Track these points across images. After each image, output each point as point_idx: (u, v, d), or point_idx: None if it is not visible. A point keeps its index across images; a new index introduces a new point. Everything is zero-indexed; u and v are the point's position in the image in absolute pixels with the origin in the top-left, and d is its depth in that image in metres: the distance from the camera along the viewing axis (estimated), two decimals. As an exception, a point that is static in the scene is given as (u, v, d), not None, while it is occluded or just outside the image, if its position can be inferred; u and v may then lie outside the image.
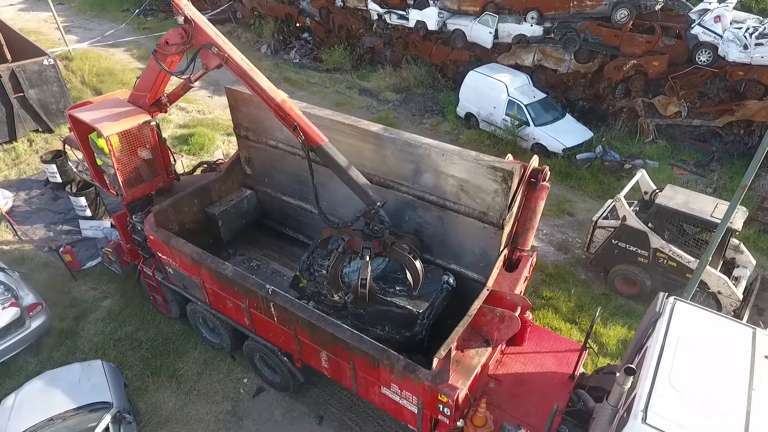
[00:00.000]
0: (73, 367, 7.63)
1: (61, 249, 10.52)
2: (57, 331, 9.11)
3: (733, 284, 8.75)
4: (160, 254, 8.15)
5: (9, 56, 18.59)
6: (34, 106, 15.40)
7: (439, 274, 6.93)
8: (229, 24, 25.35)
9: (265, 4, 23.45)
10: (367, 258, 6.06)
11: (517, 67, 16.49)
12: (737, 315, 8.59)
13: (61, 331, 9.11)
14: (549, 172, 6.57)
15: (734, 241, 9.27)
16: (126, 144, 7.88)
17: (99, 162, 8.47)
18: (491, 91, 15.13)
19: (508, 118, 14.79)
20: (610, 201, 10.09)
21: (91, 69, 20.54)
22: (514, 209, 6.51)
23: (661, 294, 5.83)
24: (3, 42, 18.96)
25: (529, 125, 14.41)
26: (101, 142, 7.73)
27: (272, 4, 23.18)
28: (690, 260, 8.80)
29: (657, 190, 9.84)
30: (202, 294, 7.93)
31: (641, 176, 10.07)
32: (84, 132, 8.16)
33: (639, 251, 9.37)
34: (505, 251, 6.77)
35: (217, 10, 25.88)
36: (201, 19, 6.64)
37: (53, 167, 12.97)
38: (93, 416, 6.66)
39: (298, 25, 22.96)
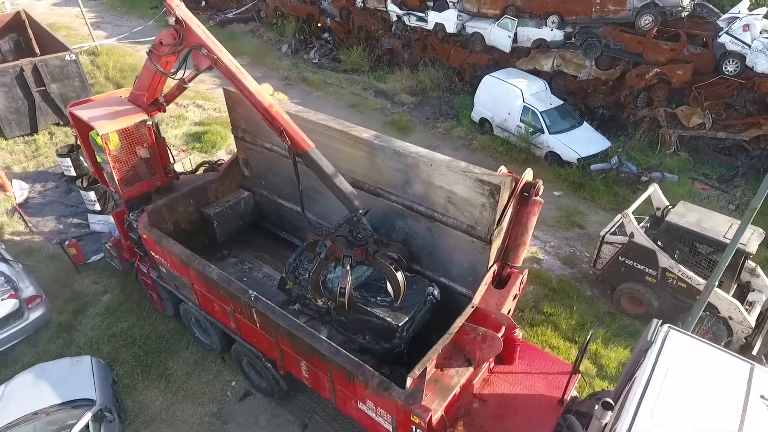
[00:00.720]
0: (62, 362, 7.73)
1: (67, 242, 10.72)
2: (55, 323, 9.27)
3: (747, 310, 8.24)
4: (153, 253, 8.19)
5: (38, 50, 19.20)
6: (56, 100, 15.77)
7: (425, 285, 6.71)
8: (252, 23, 25.57)
9: (287, 3, 23.57)
10: (347, 267, 5.96)
11: (536, 73, 16.07)
12: (748, 343, 8.10)
13: (59, 324, 9.26)
14: (542, 187, 6.28)
15: (750, 263, 8.74)
16: (123, 142, 7.94)
17: (99, 159, 8.57)
18: (506, 96, 14.77)
19: (522, 125, 14.41)
20: (619, 216, 9.66)
21: (115, 65, 20.97)
22: (504, 224, 6.24)
23: (655, 321, 5.49)
24: (32, 37, 19.60)
25: (543, 133, 13.99)
26: (100, 140, 7.81)
27: (294, 4, 23.27)
28: (700, 282, 8.33)
29: (669, 207, 9.37)
30: (192, 295, 7.93)
31: (653, 191, 9.61)
32: (85, 129, 8.26)
33: (647, 270, 8.93)
34: (495, 267, 6.50)
35: (242, 9, 26.13)
36: (192, 20, 6.60)
37: (68, 161, 13.23)
38: (75, 413, 6.71)
39: (319, 25, 22.98)
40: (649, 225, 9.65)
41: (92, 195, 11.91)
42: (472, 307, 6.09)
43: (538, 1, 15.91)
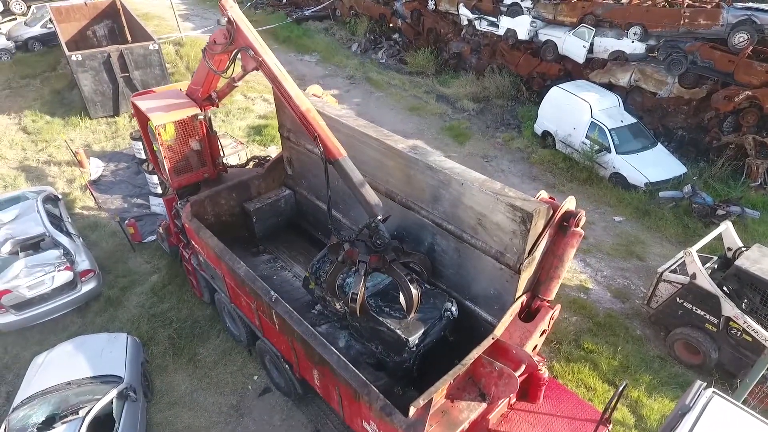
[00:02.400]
0: (101, 337, 8.22)
1: (126, 222, 11.43)
2: (105, 297, 9.89)
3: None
4: (193, 242, 8.48)
5: (129, 38, 20.72)
6: (138, 86, 16.86)
7: (443, 300, 6.41)
8: (327, 21, 26.07)
9: (361, 3, 23.77)
10: (362, 272, 5.83)
11: (611, 87, 15.01)
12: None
13: (108, 299, 9.87)
14: (584, 218, 5.74)
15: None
16: (176, 134, 8.27)
17: (155, 148, 8.99)
18: (573, 110, 13.91)
19: (587, 142, 13.51)
20: (681, 253, 8.74)
21: (196, 56, 22.12)
22: (537, 254, 5.79)
23: (698, 383, 4.88)
24: (125, 24, 21.16)
25: (609, 152, 13.03)
26: (155, 130, 8.18)
27: (368, 4, 23.42)
28: (769, 338, 7.35)
29: (742, 248, 8.35)
30: (224, 287, 8.13)
31: (725, 228, 8.60)
32: (144, 119, 8.68)
33: (707, 317, 8.01)
34: (524, 298, 6.06)
35: (319, 7, 26.72)
36: (243, 21, 6.70)
37: (139, 144, 14.02)
38: (103, 388, 7.08)
39: (390, 25, 22.97)
40: (716, 266, 8.66)
41: (155, 179, 12.59)
42: (493, 338, 5.71)
43: (620, 11, 14.86)
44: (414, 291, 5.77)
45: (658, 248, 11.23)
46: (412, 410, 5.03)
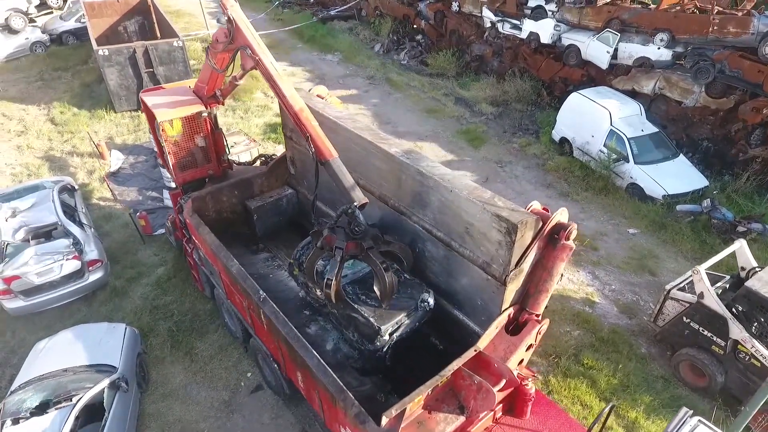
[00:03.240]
0: (101, 326, 8.43)
1: (138, 214, 11.69)
2: (111, 287, 10.14)
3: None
4: (193, 237, 8.60)
5: (158, 34, 21.20)
6: (161, 82, 17.20)
7: (420, 290, 6.33)
8: (352, 21, 26.13)
9: (387, 3, 23.73)
10: (338, 258, 5.86)
11: (634, 94, 14.53)
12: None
13: (114, 289, 10.12)
14: (575, 231, 5.54)
15: None
16: (182, 130, 8.41)
17: (161, 143, 9.16)
18: (592, 117, 13.52)
19: (605, 150, 13.11)
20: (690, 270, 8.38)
21: (220, 52, 22.51)
22: (526, 266, 5.62)
23: (684, 410, 4.63)
24: (155, 21, 21.68)
25: (627, 162, 12.61)
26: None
27: (393, 4, 23.36)
28: (779, 365, 6.95)
29: (756, 269, 7.93)
30: (221, 283, 8.22)
31: (739, 247, 8.19)
32: (151, 114, 8.86)
33: (714, 338, 7.64)
34: (511, 311, 5.90)
35: (345, 7, 26.79)
36: (242, 21, 6.75)
37: (157, 138, 14.45)
38: (96, 376, 7.25)
39: (414, 26, 22.85)
40: (728, 286, 8.26)
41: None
42: (475, 350, 5.58)
43: (647, 16, 14.38)
44: (388, 279, 5.77)
45: (673, 264, 10.80)
46: (384, 420, 4.96)
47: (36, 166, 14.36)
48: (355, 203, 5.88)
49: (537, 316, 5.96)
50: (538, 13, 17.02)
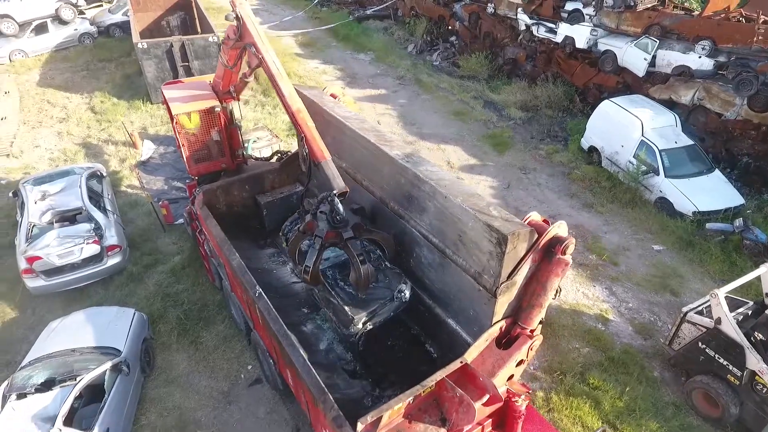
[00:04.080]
0: (111, 310, 8.72)
1: (160, 203, 12.05)
2: (128, 272, 10.48)
3: None
4: (203, 228, 8.78)
5: (199, 30, 21.83)
6: (196, 75, 17.74)
7: (398, 281, 6.38)
8: (387, 20, 26.12)
9: (422, 4, 23.61)
10: (316, 246, 5.95)
11: (671, 104, 13.87)
12: None
13: (131, 274, 10.46)
14: (572, 245, 5.31)
15: None
16: (200, 123, 8.61)
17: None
18: (623, 126, 12.99)
19: (634, 161, 12.57)
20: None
21: (255, 48, 22.95)
22: (519, 278, 5.43)
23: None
24: (196, 17, 22.34)
25: (657, 174, 12.04)
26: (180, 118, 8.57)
27: (429, 5, 23.21)
28: (800, 402, 6.45)
29: (783, 296, 7.40)
30: (227, 275, 8.35)
31: (765, 272, 7.65)
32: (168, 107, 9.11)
33: (730, 367, 7.18)
34: (503, 324, 5.71)
35: (381, 6, 26.83)
36: (248, 19, 6.83)
37: (186, 130, 14.85)
38: (100, 358, 7.50)
39: (449, 27, 22.63)
40: (750, 313, 7.74)
41: (192, 164, 13.18)
42: (461, 362, 5.44)
43: (689, 23, 13.70)
44: (364, 271, 5.83)
45: (698, 284, 10.23)
46: (359, 426, 4.90)
47: (73, 152, 15.03)
48: (335, 191, 5.91)
49: (530, 331, 5.76)
50: (575, 17, 16.50)
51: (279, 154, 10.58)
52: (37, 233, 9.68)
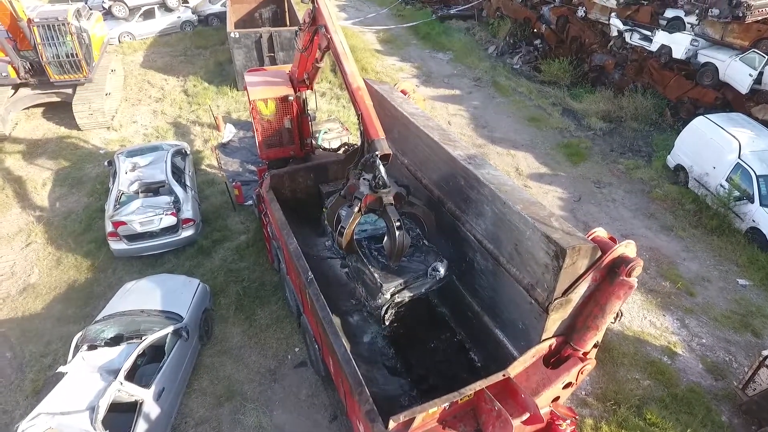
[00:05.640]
0: (179, 278, 9.33)
1: (234, 183, 12.71)
2: (198, 245, 11.17)
3: None
4: (267, 211, 9.15)
5: (288, 23, 22.73)
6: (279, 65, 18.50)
7: (434, 258, 6.23)
8: (470, 21, 25.72)
9: (509, 5, 23.01)
10: (355, 208, 5.89)
11: (777, 126, 12.50)
12: None
13: (201, 247, 11.14)
14: (639, 268, 4.94)
15: None
16: (272, 110, 8.97)
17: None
18: (717, 146, 11.88)
19: (726, 185, 11.46)
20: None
21: (338, 42, 23.50)
22: (575, 296, 5.15)
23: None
24: (287, 10, 23.27)
25: (752, 202, 10.90)
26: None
27: (515, 6, 22.58)
28: None
29: None
30: (284, 258, 8.66)
31: None
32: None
33: (815, 426, 6.37)
34: (553, 341, 5.45)
35: (466, 6, 26.46)
36: (323, 3, 7.00)
37: (265, 116, 15.53)
38: (164, 322, 8.06)
39: (534, 30, 21.85)
40: None
41: (267, 149, 13.76)
42: (504, 375, 5.27)
43: (810, 37, 12.24)
44: (399, 238, 5.68)
45: (787, 328, 9.17)
46: (391, 423, 4.89)
47: (164, 129, 16.24)
48: (377, 152, 5.83)
49: (583, 353, 5.45)
50: (674, 25, 15.32)
51: (346, 146, 10.76)
52: (125, 201, 10.58)
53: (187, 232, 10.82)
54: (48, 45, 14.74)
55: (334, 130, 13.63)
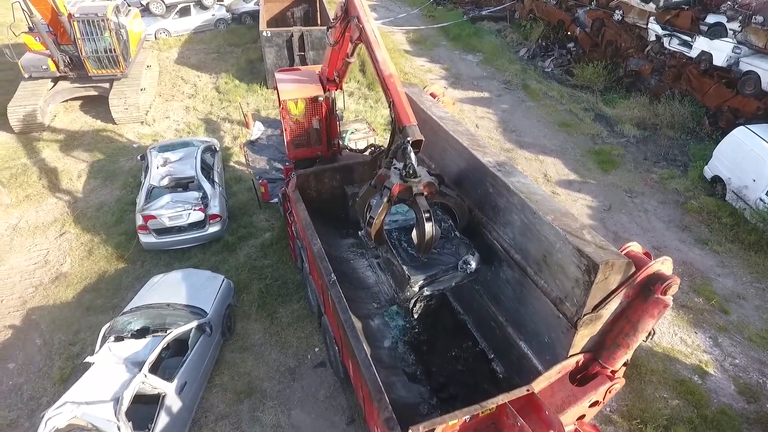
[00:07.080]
0: (204, 273, 9.46)
1: (260, 181, 12.83)
2: (224, 241, 11.31)
3: None
4: (292, 210, 9.19)
5: (320, 22, 22.85)
6: (309, 65, 18.61)
7: (466, 251, 6.02)
8: (502, 22, 25.38)
9: (542, 7, 22.62)
10: (384, 198, 5.77)
11: (825, 139, 11.89)
12: None
13: (226, 243, 11.27)
14: (676, 286, 4.75)
15: None
16: (302, 110, 9.01)
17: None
18: (758, 158, 11.39)
19: (767, 200, 10.98)
20: None
21: (367, 42, 23.50)
22: (606, 312, 4.98)
23: None
24: (318, 10, 23.41)
25: (794, 218, 10.43)
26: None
27: (549, 8, 22.18)
28: None
29: None
30: (307, 257, 8.68)
31: None
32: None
33: None
34: (580, 358, 5.29)
35: (498, 8, 26.13)
36: None
37: (293, 115, 15.64)
38: (189, 316, 8.17)
39: (567, 33, 21.42)
40: None
41: (294, 148, 13.85)
42: (527, 390, 5.13)
43: None
44: (428, 229, 5.51)
45: (829, 353, 8.72)
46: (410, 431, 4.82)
47: (195, 126, 16.53)
48: (408, 138, 5.69)
49: (611, 371, 5.27)
50: (716, 31, 14.75)
51: (372, 148, 10.72)
52: (155, 195, 10.78)
53: (213, 228, 10.96)
54: (87, 40, 15.16)
55: (360, 130, 13.63)
